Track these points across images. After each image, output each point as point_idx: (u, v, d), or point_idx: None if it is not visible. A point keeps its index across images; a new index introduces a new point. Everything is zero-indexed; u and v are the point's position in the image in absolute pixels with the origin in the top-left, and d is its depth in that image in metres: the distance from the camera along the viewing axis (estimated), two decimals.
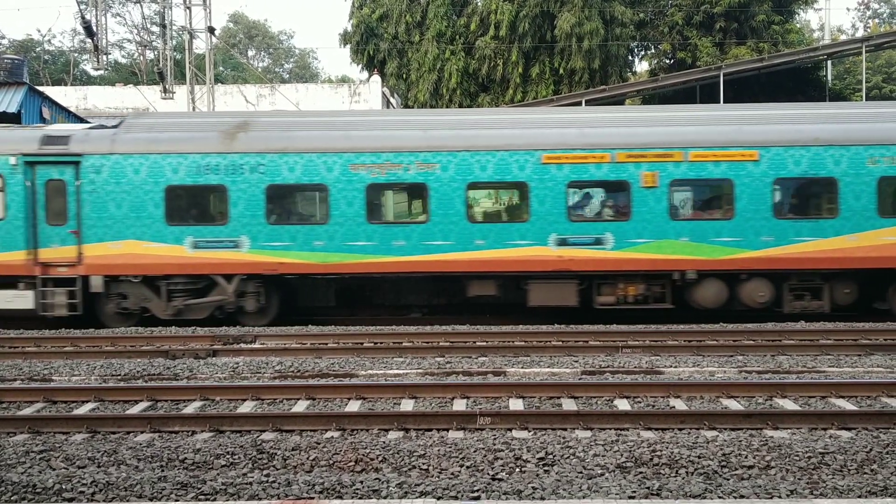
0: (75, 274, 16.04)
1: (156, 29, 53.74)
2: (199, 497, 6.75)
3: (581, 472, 7.29)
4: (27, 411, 9.77)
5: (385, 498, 6.65)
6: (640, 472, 7.33)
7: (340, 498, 6.68)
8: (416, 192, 16.44)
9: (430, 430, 8.64)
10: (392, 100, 40.72)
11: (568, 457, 7.60)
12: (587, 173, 15.99)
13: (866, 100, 33.11)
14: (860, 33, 58.07)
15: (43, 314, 16.10)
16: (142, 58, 60.37)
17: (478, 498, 6.65)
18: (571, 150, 15.94)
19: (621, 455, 7.59)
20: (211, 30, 31.73)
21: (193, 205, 16.49)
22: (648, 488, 6.78)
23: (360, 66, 38.87)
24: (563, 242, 15.90)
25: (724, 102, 28.33)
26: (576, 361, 12.17)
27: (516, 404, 9.61)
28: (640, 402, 9.74)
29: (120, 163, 15.99)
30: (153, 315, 16.23)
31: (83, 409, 9.78)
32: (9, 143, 16.28)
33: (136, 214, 15.96)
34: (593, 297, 16.28)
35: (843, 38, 54.67)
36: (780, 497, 6.66)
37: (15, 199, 16.02)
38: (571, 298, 16.16)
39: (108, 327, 16.00)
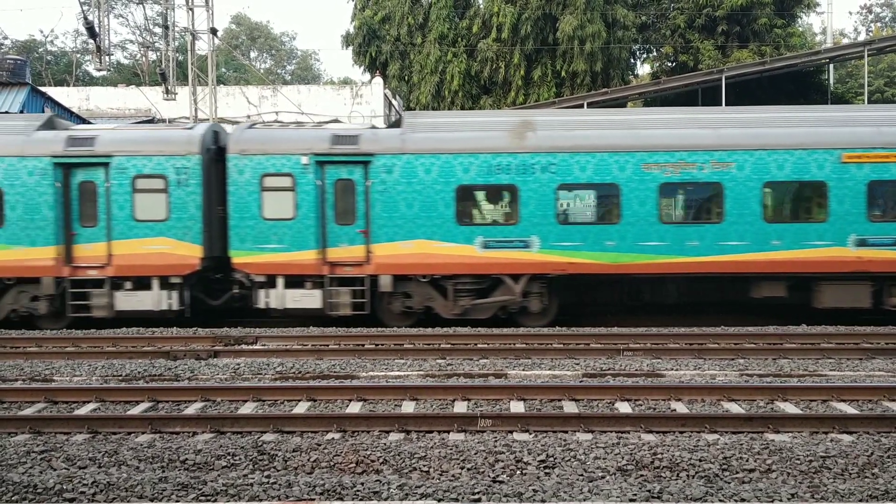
0: (362, 273, 16.14)
1: (158, 30, 53.85)
2: (200, 498, 6.75)
3: (582, 475, 7.29)
4: (28, 411, 9.77)
5: (386, 500, 6.64)
6: (641, 475, 7.33)
7: (341, 499, 6.68)
8: (711, 191, 16.29)
9: (431, 431, 8.64)
10: (394, 102, 40.70)
11: (569, 459, 7.60)
12: (889, 172, 15.97)
13: (868, 103, 33.09)
14: (862, 37, 58.09)
15: (329, 314, 16.20)
16: (144, 59, 60.42)
17: (478, 500, 6.64)
18: (872, 149, 15.94)
19: (622, 458, 7.59)
20: (213, 31, 31.73)
21: (483, 205, 16.62)
22: (649, 491, 6.77)
23: (363, 67, 38.86)
24: (862, 243, 15.89)
25: (726, 105, 28.33)
26: (577, 364, 12.17)
27: (517, 406, 9.61)
28: (641, 405, 9.74)
29: (411, 162, 16.09)
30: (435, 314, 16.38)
31: (84, 410, 9.79)
32: (301, 142, 16.34)
33: (426, 214, 16.07)
34: (884, 299, 16.25)
35: (845, 41, 54.65)
36: (780, 500, 6.65)
37: (306, 199, 16.12)
38: (865, 300, 16.16)
39: (387, 326, 16.11)
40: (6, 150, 16.22)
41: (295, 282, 16.24)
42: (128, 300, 16.26)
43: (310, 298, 16.17)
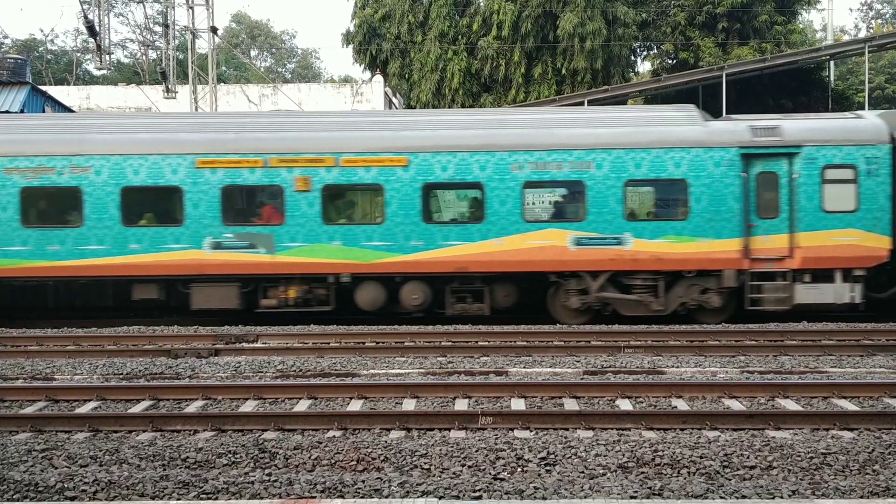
0: None
1: (158, 29, 53.84)
2: (201, 496, 6.75)
3: (583, 472, 7.29)
4: (29, 410, 9.78)
5: (387, 497, 6.65)
6: (642, 472, 7.33)
7: (342, 497, 6.68)
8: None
9: (432, 429, 8.64)
10: (394, 100, 40.73)
11: (570, 457, 7.60)
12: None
13: (868, 101, 33.06)
14: (863, 34, 57.98)
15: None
16: (144, 57, 60.46)
17: (479, 497, 6.65)
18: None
19: (623, 455, 7.59)
20: (213, 30, 31.77)
21: None
22: (650, 488, 6.78)
23: (363, 66, 38.81)
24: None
25: (727, 103, 28.32)
26: (578, 361, 12.17)
27: (518, 404, 9.61)
28: (641, 403, 9.74)
29: None
30: None
31: (85, 408, 9.79)
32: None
33: None
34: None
35: (845, 38, 54.60)
36: (781, 497, 6.66)
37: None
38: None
39: None
40: (687, 140, 16.03)
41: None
42: (808, 293, 15.92)
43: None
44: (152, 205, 16.64)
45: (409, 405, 9.68)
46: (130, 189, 16.11)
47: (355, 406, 9.69)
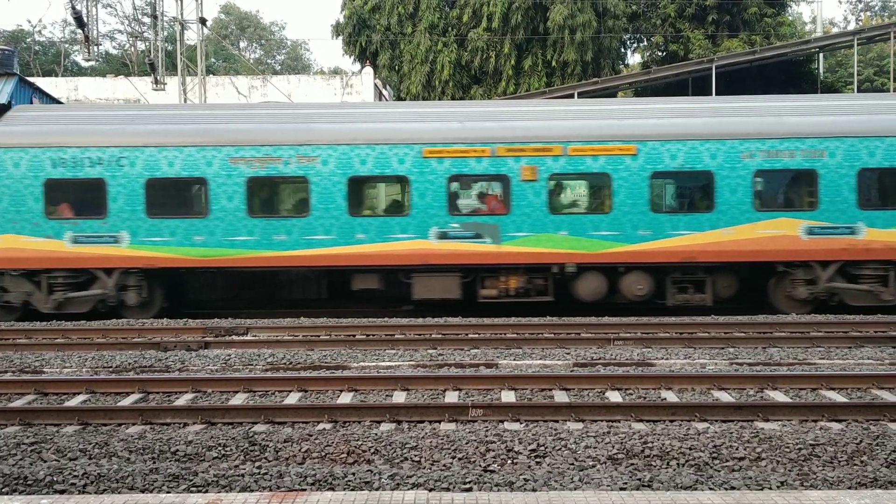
0: None
1: (147, 20, 53.55)
2: (191, 489, 6.74)
3: (573, 464, 7.31)
4: (18, 403, 9.74)
5: (377, 490, 6.65)
6: (632, 464, 7.35)
7: (332, 490, 6.68)
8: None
9: (423, 421, 8.65)
10: (384, 92, 40.61)
11: (560, 449, 7.61)
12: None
13: (858, 92, 33.14)
14: (852, 26, 58.18)
15: None
16: (133, 49, 60.09)
17: (470, 490, 6.65)
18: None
19: (613, 447, 7.61)
20: (202, 21, 31.61)
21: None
22: (640, 480, 6.80)
23: (353, 57, 38.77)
24: None
25: (717, 95, 28.35)
26: (568, 353, 12.19)
27: (508, 396, 9.63)
28: (631, 394, 9.77)
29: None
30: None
31: (74, 401, 9.76)
32: None
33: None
34: None
35: (834, 30, 54.72)
36: (770, 488, 6.69)
37: None
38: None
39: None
40: None
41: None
42: None
43: None
44: (378, 194, 16.96)
45: (399, 398, 9.68)
46: (357, 179, 16.16)
47: (345, 399, 9.69)
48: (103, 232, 16.01)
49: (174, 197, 16.46)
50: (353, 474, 6.94)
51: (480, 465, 7.32)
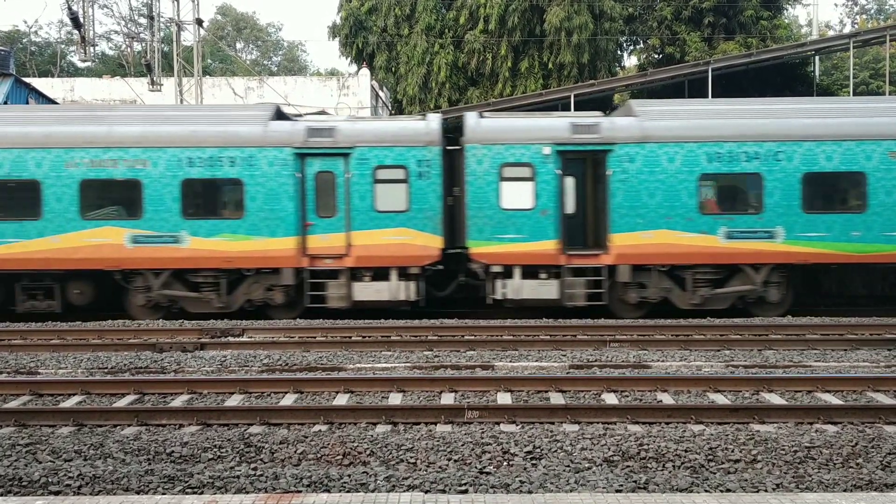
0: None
1: (143, 21, 53.45)
2: (187, 490, 6.73)
3: (568, 466, 7.31)
4: (13, 404, 9.72)
5: (373, 491, 6.64)
6: (628, 466, 7.35)
7: (328, 491, 6.68)
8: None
9: (418, 423, 8.64)
10: (381, 93, 40.60)
11: (555, 450, 7.62)
12: None
13: (853, 95, 33.20)
14: (848, 29, 58.31)
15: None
16: (129, 50, 59.97)
17: (465, 491, 6.65)
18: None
19: (609, 449, 7.61)
20: (199, 22, 31.56)
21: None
22: (635, 482, 6.80)
23: (349, 59, 38.68)
24: None
25: (713, 97, 28.35)
26: (564, 355, 12.19)
27: (504, 398, 9.63)
28: (627, 397, 9.78)
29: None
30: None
31: (70, 403, 9.74)
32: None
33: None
34: None
35: (830, 33, 54.82)
36: (766, 491, 6.70)
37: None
38: None
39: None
40: None
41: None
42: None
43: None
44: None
45: (395, 399, 9.68)
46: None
47: (341, 400, 9.69)
48: (758, 227, 16.14)
49: (830, 192, 16.52)
50: (349, 476, 6.93)
51: (476, 467, 7.32)
